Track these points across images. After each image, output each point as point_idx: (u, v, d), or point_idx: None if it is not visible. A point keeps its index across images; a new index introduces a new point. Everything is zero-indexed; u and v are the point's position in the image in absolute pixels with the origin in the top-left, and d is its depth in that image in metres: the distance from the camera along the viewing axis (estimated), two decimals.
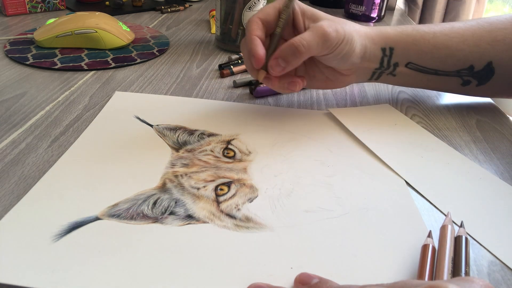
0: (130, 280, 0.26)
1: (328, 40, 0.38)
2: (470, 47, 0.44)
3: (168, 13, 0.84)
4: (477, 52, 0.45)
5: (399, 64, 0.45)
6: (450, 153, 0.41)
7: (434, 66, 0.45)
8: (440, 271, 0.26)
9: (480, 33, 0.45)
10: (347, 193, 0.35)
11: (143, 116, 0.44)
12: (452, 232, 0.29)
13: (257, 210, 0.32)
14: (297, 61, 0.39)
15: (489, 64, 0.45)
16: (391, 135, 0.43)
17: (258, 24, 0.40)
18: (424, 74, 0.46)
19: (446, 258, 0.27)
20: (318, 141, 0.42)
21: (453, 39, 0.44)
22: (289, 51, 0.38)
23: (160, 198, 0.32)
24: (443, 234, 0.29)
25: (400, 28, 0.45)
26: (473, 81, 0.47)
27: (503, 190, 0.37)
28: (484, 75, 0.46)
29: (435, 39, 0.44)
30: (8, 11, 0.73)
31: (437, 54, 0.44)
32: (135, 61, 0.58)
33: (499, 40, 0.45)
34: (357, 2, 0.87)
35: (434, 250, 0.28)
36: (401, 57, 0.44)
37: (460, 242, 0.29)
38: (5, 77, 0.51)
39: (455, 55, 0.45)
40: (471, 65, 0.45)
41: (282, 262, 0.28)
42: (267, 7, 0.41)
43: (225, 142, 0.40)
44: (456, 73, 0.46)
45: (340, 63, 0.42)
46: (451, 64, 0.45)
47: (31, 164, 0.36)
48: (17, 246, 0.27)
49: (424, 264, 0.27)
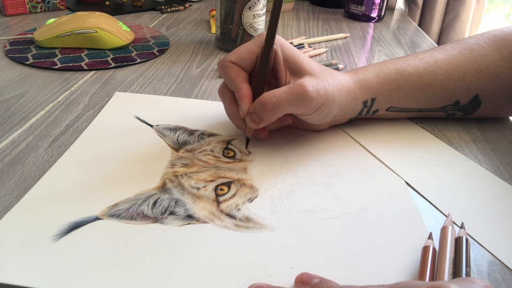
0: (130, 279, 0.26)
1: (305, 101, 0.35)
2: (455, 83, 0.43)
3: (168, 13, 0.84)
4: (462, 87, 0.43)
5: (380, 110, 0.43)
6: (450, 153, 0.41)
7: (417, 106, 0.44)
8: (441, 272, 0.26)
9: (464, 65, 0.43)
10: (347, 193, 0.35)
11: (143, 116, 0.44)
12: (452, 233, 0.30)
13: (257, 210, 0.32)
14: (270, 117, 0.36)
15: (475, 97, 0.44)
16: (391, 136, 0.43)
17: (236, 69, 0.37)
18: (406, 113, 0.45)
19: (447, 259, 0.27)
20: (318, 141, 0.42)
21: (438, 76, 0.42)
22: (258, 107, 0.35)
23: (160, 198, 0.32)
24: (443, 235, 0.29)
25: (383, 73, 0.42)
26: (458, 113, 0.46)
27: (503, 190, 0.37)
28: (470, 108, 0.45)
29: (420, 80, 0.42)
30: (8, 11, 0.73)
31: (421, 95, 0.43)
32: (135, 61, 0.58)
33: (483, 69, 0.43)
34: (357, 2, 0.87)
35: (434, 252, 0.28)
36: (382, 104, 0.42)
37: (461, 243, 0.29)
38: (5, 77, 0.51)
39: (440, 94, 0.43)
40: (456, 100, 0.44)
41: (282, 262, 0.28)
42: (241, 49, 0.38)
43: (225, 142, 0.40)
44: (441, 109, 0.45)
45: (315, 121, 0.39)
46: (436, 102, 0.44)
47: (31, 164, 0.36)
48: (17, 246, 0.27)
49: (425, 266, 0.27)
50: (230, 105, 0.39)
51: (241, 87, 0.36)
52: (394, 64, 0.43)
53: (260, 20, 0.62)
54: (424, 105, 0.44)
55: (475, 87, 0.43)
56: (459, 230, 0.30)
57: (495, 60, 0.43)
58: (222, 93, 0.39)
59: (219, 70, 0.38)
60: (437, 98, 0.43)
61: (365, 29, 0.84)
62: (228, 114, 0.40)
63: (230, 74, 0.37)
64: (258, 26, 0.62)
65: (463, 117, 0.47)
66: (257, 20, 0.61)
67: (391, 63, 0.43)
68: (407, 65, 0.43)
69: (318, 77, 0.37)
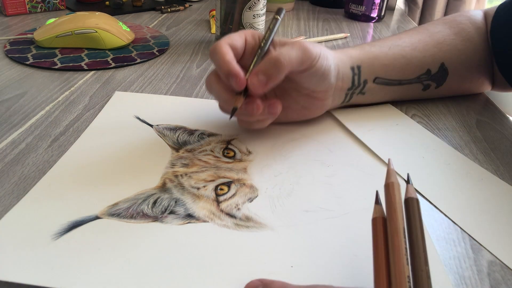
0: (130, 278, 0.26)
1: (308, 53, 0.37)
2: (422, 53, 0.48)
3: (168, 13, 0.84)
4: (429, 56, 0.48)
5: (368, 81, 0.46)
6: (451, 153, 0.41)
7: (397, 76, 0.47)
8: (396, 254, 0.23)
9: (424, 39, 0.49)
10: (347, 193, 0.35)
11: (143, 116, 0.44)
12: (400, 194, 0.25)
13: (257, 210, 0.32)
14: (279, 76, 0.36)
15: (442, 65, 0.49)
16: (392, 135, 0.43)
17: (228, 48, 0.37)
18: (390, 86, 0.48)
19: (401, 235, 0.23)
20: (318, 141, 0.42)
21: (405, 48, 0.48)
22: (270, 65, 0.36)
23: (160, 198, 0.32)
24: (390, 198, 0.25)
25: (359, 47, 0.47)
26: (432, 84, 0.50)
27: (503, 190, 0.37)
28: (440, 76, 0.50)
29: (392, 50, 0.47)
30: (8, 11, 0.73)
31: (397, 64, 0.47)
32: (135, 61, 0.58)
33: (441, 42, 0.49)
34: (357, 2, 0.87)
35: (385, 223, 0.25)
36: (368, 73, 0.45)
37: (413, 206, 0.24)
38: (5, 77, 0.51)
39: (412, 62, 0.48)
40: (428, 69, 0.48)
41: (282, 261, 0.28)
42: (234, 35, 0.39)
43: (225, 142, 0.40)
44: (417, 79, 0.49)
45: (319, 82, 0.40)
46: (411, 72, 0.48)
47: (31, 164, 0.36)
48: (17, 244, 0.27)
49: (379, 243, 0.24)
50: (223, 89, 0.38)
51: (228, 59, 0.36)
52: (364, 45, 0.48)
53: (260, 20, 0.62)
54: (403, 75, 0.48)
55: (440, 56, 0.49)
56: (406, 187, 0.26)
57: (450, 35, 0.50)
58: (215, 81, 0.38)
59: (211, 50, 0.37)
60: (411, 67, 0.48)
61: (365, 29, 0.84)
62: (222, 98, 0.39)
63: (222, 51, 0.36)
64: (258, 26, 0.62)
65: (437, 91, 0.51)
66: (257, 20, 0.61)
67: (361, 45, 0.48)
68: (376, 43, 0.48)
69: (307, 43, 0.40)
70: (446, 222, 0.33)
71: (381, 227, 0.25)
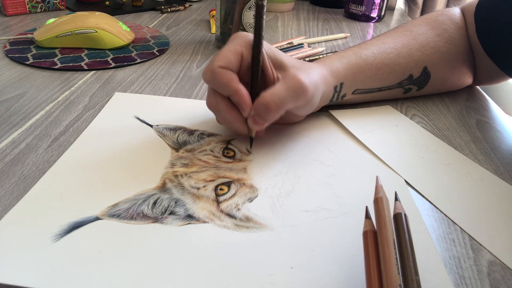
0: (130, 279, 0.26)
1: (304, 94, 0.36)
2: (405, 58, 0.48)
3: (168, 13, 0.84)
4: (412, 61, 0.48)
5: (347, 94, 0.46)
6: (451, 154, 0.41)
7: (377, 85, 0.47)
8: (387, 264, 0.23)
9: (408, 43, 0.49)
10: (347, 193, 0.35)
11: (143, 116, 0.44)
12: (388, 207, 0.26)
13: (257, 210, 0.32)
14: (273, 116, 0.36)
15: (424, 69, 0.49)
16: (392, 136, 0.43)
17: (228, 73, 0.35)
18: (368, 94, 0.48)
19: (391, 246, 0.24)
20: (318, 141, 0.42)
21: (390, 55, 0.47)
22: (262, 109, 0.35)
23: (160, 198, 0.32)
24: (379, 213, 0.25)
25: (346, 59, 0.45)
26: (413, 87, 0.50)
27: (503, 190, 0.37)
28: (422, 80, 0.50)
29: (376, 60, 0.46)
30: (8, 11, 0.73)
31: (380, 74, 0.47)
32: (135, 61, 0.58)
33: (425, 45, 0.49)
34: (357, 2, 0.87)
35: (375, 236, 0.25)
36: (348, 88, 0.45)
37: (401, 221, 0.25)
38: (5, 77, 0.51)
39: (395, 70, 0.48)
40: (410, 74, 0.49)
41: (283, 262, 0.28)
42: (226, 52, 0.36)
43: (225, 142, 0.40)
44: (398, 85, 0.49)
45: (306, 110, 0.41)
46: (393, 79, 0.48)
47: (31, 164, 0.36)
48: (17, 246, 0.27)
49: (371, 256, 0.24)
50: (228, 111, 0.37)
51: (239, 88, 0.35)
52: (352, 51, 0.47)
53: None
54: (384, 83, 0.48)
55: (423, 60, 0.49)
56: (394, 204, 0.27)
57: (433, 36, 0.50)
58: (216, 103, 0.37)
59: (209, 78, 0.36)
60: (394, 74, 0.48)
61: (365, 29, 0.84)
62: (227, 122, 0.38)
63: (223, 79, 0.35)
64: None
65: (418, 92, 0.51)
66: None
67: (349, 51, 0.47)
68: (363, 50, 0.47)
69: (302, 69, 0.38)
70: (446, 222, 0.33)
71: (372, 240, 0.25)
